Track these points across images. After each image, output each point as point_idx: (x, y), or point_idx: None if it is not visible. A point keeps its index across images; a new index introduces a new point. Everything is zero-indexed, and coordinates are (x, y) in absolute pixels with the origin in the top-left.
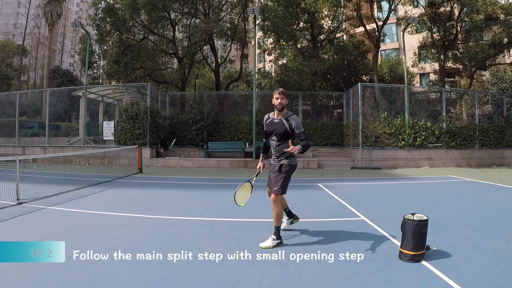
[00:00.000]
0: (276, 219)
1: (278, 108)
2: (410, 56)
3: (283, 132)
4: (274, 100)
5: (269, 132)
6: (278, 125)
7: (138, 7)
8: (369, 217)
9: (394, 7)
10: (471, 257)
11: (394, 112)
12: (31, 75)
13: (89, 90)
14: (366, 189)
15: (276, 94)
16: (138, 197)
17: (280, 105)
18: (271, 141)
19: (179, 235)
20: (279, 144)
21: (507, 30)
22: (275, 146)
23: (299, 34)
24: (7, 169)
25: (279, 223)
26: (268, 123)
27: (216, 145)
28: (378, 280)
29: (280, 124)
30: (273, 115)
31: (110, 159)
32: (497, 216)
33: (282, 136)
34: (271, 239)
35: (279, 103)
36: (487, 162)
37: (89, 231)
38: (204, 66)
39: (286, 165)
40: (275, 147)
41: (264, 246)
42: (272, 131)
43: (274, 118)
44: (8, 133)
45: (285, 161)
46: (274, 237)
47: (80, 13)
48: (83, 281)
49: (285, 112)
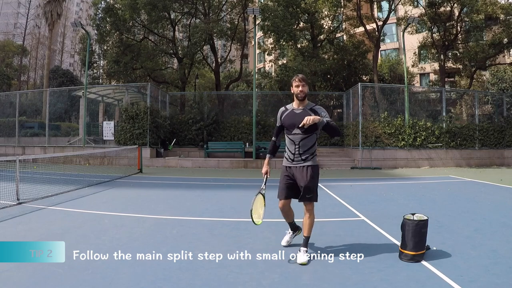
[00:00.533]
0: (310, 228)
1: (299, 98)
2: (410, 56)
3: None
4: (293, 88)
5: (288, 125)
6: (302, 116)
7: (138, 7)
8: (369, 217)
9: (394, 7)
10: (471, 257)
11: (394, 112)
12: (31, 75)
13: (89, 90)
14: (366, 189)
15: (296, 82)
16: (138, 197)
17: (301, 93)
18: (292, 136)
19: (179, 235)
20: (304, 137)
21: (507, 30)
22: (299, 140)
23: (299, 34)
24: (7, 169)
25: (311, 232)
26: (287, 116)
27: (216, 145)
28: (378, 280)
29: (304, 114)
30: (291, 106)
31: (110, 159)
32: (497, 216)
33: (306, 129)
34: (304, 252)
35: (301, 91)
36: (487, 162)
37: (89, 231)
38: (204, 66)
39: (315, 167)
40: (298, 142)
41: (302, 262)
42: (293, 124)
43: (295, 109)
44: (8, 133)
45: (310, 162)
46: (306, 249)
47: (80, 13)
48: (83, 281)
49: (308, 103)
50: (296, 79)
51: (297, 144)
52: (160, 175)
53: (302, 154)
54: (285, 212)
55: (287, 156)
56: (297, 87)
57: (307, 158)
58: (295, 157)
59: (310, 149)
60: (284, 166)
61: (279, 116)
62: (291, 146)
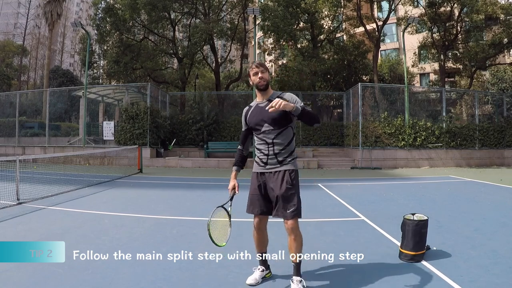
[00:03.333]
0: (299, 250)
1: (260, 87)
2: (410, 56)
3: (279, 115)
4: (252, 78)
5: (255, 123)
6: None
7: (138, 7)
8: (369, 217)
9: (394, 7)
10: (471, 257)
11: (394, 112)
12: (31, 75)
13: (89, 90)
14: (366, 189)
15: (254, 69)
16: (138, 197)
17: (262, 80)
18: (263, 135)
19: (179, 235)
20: (277, 132)
21: (507, 30)
22: (272, 139)
23: (299, 34)
24: (7, 169)
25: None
26: (251, 114)
27: (216, 145)
28: (378, 280)
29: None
30: (255, 102)
31: (110, 159)
32: (497, 216)
33: (278, 121)
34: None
35: (260, 78)
36: (487, 162)
37: (89, 231)
38: (204, 66)
39: (294, 172)
40: (270, 143)
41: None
42: (260, 121)
43: (259, 103)
44: (8, 133)
45: (289, 166)
46: (300, 279)
47: (80, 13)
48: (83, 281)
49: (272, 92)
50: (253, 66)
51: (270, 142)
52: (160, 175)
53: (278, 155)
54: (260, 233)
55: (258, 159)
56: (255, 75)
57: (284, 160)
58: (269, 159)
59: (287, 147)
60: (254, 173)
61: (244, 118)
62: (263, 146)
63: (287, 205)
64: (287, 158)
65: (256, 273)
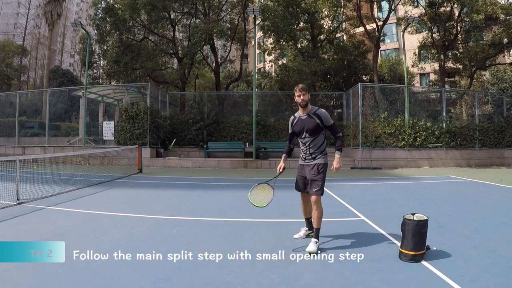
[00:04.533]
0: (318, 220)
1: (301, 105)
2: (410, 56)
3: (314, 127)
4: (296, 98)
5: (298, 131)
6: (306, 121)
7: (138, 7)
8: (369, 217)
9: (394, 7)
10: (471, 257)
11: (394, 112)
12: (31, 75)
13: (89, 90)
14: (366, 189)
15: (297, 92)
16: (138, 197)
17: (303, 101)
18: (303, 139)
19: (179, 235)
20: (312, 139)
21: (507, 30)
22: (309, 142)
23: (299, 34)
24: (7, 169)
25: (320, 224)
26: (295, 123)
27: (216, 145)
28: (378, 280)
29: (308, 119)
30: (298, 114)
31: (110, 159)
32: (497, 216)
33: (313, 131)
34: (314, 243)
35: (302, 100)
36: (487, 162)
37: (89, 231)
38: (204, 66)
39: (322, 165)
40: (308, 144)
41: (311, 250)
42: (302, 129)
43: (301, 116)
44: (8, 133)
45: (320, 160)
46: (316, 240)
47: (80, 13)
48: (83, 281)
49: (310, 108)
50: (297, 89)
51: (307, 145)
52: (160, 175)
53: (312, 154)
54: (304, 204)
55: (301, 156)
56: (298, 96)
57: (316, 157)
58: (306, 156)
59: (319, 148)
60: (299, 165)
61: (290, 124)
62: (303, 147)
63: (314, 185)
64: (318, 155)
65: (302, 232)
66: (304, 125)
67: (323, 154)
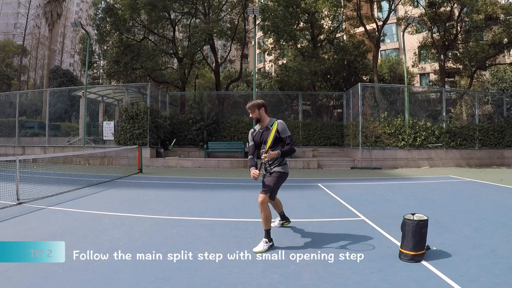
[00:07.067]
0: (265, 222)
1: (255, 121)
2: (410, 56)
3: (273, 139)
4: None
5: (258, 143)
6: (266, 134)
7: (138, 7)
8: (369, 217)
9: (394, 7)
10: (471, 257)
11: (394, 112)
12: (31, 75)
13: (89, 90)
14: (366, 189)
15: (248, 109)
16: (138, 197)
17: (254, 119)
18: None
19: (179, 235)
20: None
21: (507, 30)
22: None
23: (299, 34)
24: (7, 169)
25: (268, 225)
26: (255, 135)
27: (216, 145)
28: (378, 280)
29: (266, 132)
30: (258, 127)
31: (110, 159)
32: (497, 216)
33: (272, 143)
34: (263, 242)
35: (252, 117)
36: (487, 162)
37: (89, 231)
38: (204, 66)
39: (280, 173)
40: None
41: (257, 250)
42: (261, 141)
43: (260, 129)
44: (8, 133)
45: (278, 168)
46: (266, 240)
47: (80, 13)
48: (83, 281)
49: (268, 120)
50: (247, 107)
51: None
52: (160, 175)
53: (271, 165)
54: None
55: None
56: (249, 114)
57: (275, 166)
58: (267, 167)
59: (278, 159)
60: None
61: (251, 136)
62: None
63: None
64: (277, 165)
65: (276, 222)
66: (263, 137)
67: (282, 164)
